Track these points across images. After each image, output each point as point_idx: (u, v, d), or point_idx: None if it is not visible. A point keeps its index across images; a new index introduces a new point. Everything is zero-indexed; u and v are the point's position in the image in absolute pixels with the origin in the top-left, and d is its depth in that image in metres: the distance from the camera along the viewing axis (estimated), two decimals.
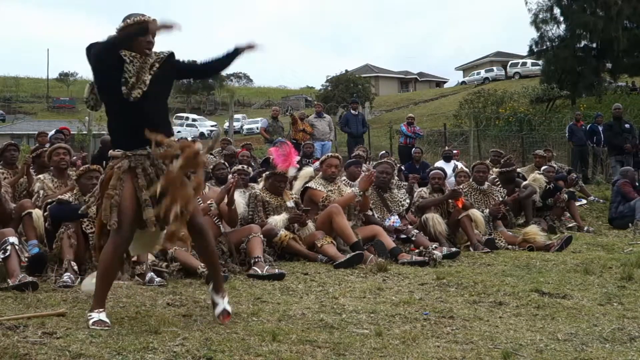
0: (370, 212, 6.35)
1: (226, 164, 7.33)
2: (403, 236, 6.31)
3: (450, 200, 6.91)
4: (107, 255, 3.28)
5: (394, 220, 6.34)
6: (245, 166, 7.06)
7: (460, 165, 10.61)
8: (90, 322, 3.19)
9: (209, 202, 5.15)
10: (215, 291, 3.51)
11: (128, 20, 3.33)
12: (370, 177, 6.02)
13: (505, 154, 10.51)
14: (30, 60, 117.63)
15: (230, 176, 6.02)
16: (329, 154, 6.62)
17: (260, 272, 4.80)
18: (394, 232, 6.31)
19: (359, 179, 6.34)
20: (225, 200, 5.18)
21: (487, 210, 7.05)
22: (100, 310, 3.27)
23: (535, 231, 6.90)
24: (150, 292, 4.22)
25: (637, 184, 9.83)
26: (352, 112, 13.55)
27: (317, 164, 7.13)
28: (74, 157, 6.43)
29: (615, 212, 9.09)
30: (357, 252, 5.44)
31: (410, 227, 6.49)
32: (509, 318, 3.80)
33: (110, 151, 3.36)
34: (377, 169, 6.63)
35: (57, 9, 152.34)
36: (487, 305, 4.10)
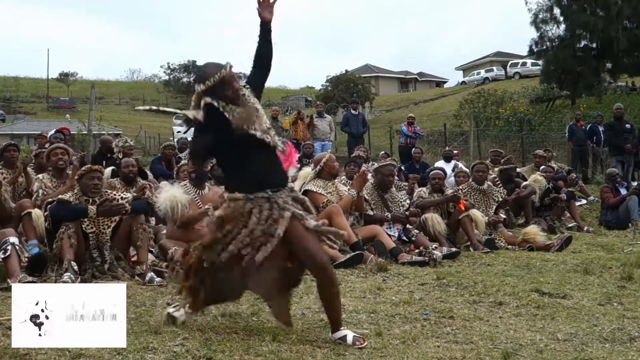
0: (371, 212, 6.34)
1: None
2: (404, 239, 6.30)
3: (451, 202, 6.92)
4: None
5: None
6: None
7: (460, 165, 10.61)
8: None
9: (206, 206, 5.14)
10: (336, 328, 3.21)
11: (208, 82, 3.09)
12: (362, 176, 6.02)
13: (505, 153, 10.51)
14: (30, 60, 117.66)
15: None
16: (326, 154, 6.61)
17: None
18: (400, 223, 6.29)
19: (353, 180, 6.33)
20: None
21: (486, 218, 7.04)
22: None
23: (535, 231, 6.90)
24: (150, 292, 4.23)
25: (624, 183, 9.86)
26: (352, 112, 13.56)
27: (313, 165, 7.10)
28: (73, 157, 6.42)
29: (604, 220, 9.22)
30: (357, 252, 5.44)
31: (410, 226, 6.49)
32: (509, 318, 3.80)
33: (229, 194, 3.17)
34: (382, 170, 6.61)
35: (57, 8, 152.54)
36: (487, 305, 4.10)
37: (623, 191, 9.33)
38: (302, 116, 13.32)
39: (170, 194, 5.04)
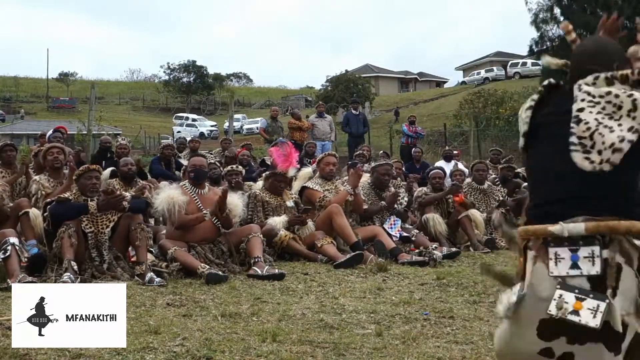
0: (365, 206, 6.35)
1: (217, 163, 7.32)
2: (405, 234, 6.30)
3: (448, 198, 6.92)
4: None
5: (393, 220, 6.33)
6: (235, 166, 7.02)
7: (459, 164, 10.61)
8: None
9: (204, 212, 5.12)
10: None
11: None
12: (356, 172, 6.06)
13: (505, 153, 10.50)
14: (30, 60, 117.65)
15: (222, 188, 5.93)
16: (326, 152, 6.65)
17: (260, 272, 4.80)
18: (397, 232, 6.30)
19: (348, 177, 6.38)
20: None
21: (487, 214, 7.01)
22: None
23: None
24: (150, 292, 4.23)
25: None
26: (353, 111, 13.55)
27: (315, 164, 7.14)
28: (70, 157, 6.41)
29: None
30: (357, 252, 5.43)
31: (410, 226, 6.49)
32: None
33: None
34: (378, 169, 6.62)
35: (56, 8, 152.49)
36: (487, 305, 4.09)
37: None
38: (298, 115, 13.27)
39: (168, 195, 5.03)
